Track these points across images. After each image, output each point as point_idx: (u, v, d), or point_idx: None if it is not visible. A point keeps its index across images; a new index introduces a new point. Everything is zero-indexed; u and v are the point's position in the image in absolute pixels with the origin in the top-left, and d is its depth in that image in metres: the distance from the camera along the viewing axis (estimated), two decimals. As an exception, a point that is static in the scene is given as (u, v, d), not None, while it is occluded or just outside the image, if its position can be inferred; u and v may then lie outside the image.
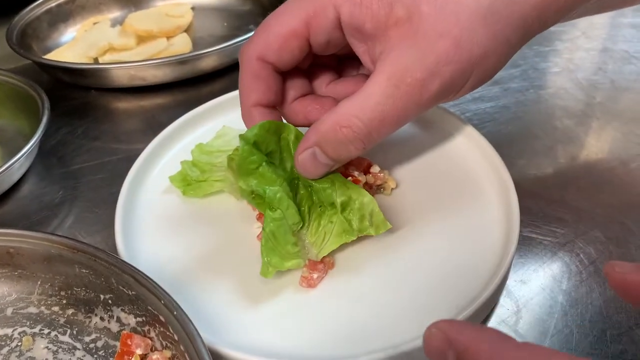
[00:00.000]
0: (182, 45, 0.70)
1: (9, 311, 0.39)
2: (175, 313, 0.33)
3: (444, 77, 0.36)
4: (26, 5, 0.74)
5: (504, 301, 0.41)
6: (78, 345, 0.37)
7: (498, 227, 0.43)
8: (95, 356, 0.37)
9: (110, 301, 0.37)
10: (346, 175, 0.44)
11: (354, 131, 0.37)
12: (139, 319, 0.36)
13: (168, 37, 0.72)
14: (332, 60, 0.44)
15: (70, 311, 0.38)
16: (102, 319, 0.37)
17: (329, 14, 0.37)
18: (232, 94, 0.56)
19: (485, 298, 0.37)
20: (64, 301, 0.38)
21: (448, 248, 0.42)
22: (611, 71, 0.63)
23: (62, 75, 0.65)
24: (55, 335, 0.38)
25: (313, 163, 0.39)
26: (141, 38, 0.71)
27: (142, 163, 0.49)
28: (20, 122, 0.57)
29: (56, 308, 0.38)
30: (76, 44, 0.71)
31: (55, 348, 0.37)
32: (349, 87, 0.42)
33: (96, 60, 0.69)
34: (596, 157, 0.52)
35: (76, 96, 0.65)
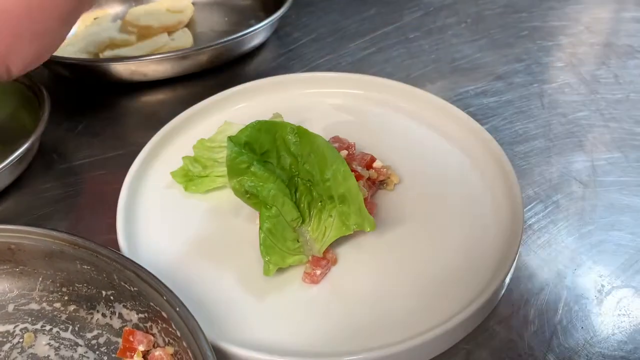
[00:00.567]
0: (183, 40, 0.70)
1: (11, 307, 0.38)
2: (177, 309, 0.33)
3: None
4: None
5: (508, 297, 0.41)
6: (80, 341, 0.37)
7: (502, 223, 0.42)
8: (97, 352, 0.36)
9: (112, 297, 0.37)
10: (349, 170, 0.44)
11: None
12: (141, 315, 0.36)
13: (169, 32, 0.71)
14: None
15: (72, 307, 0.38)
16: (104, 316, 0.37)
17: None
18: (234, 89, 0.56)
19: (489, 294, 0.37)
20: (66, 297, 0.38)
21: (451, 244, 0.42)
22: (615, 66, 0.63)
23: (63, 70, 0.65)
24: (57, 331, 0.38)
25: None
26: (142, 33, 0.71)
27: (144, 159, 0.49)
28: (20, 118, 0.56)
29: (58, 304, 0.38)
30: (76, 39, 0.70)
31: (57, 344, 0.37)
32: None
33: (97, 55, 0.69)
34: (600, 152, 0.52)
35: (77, 92, 0.65)
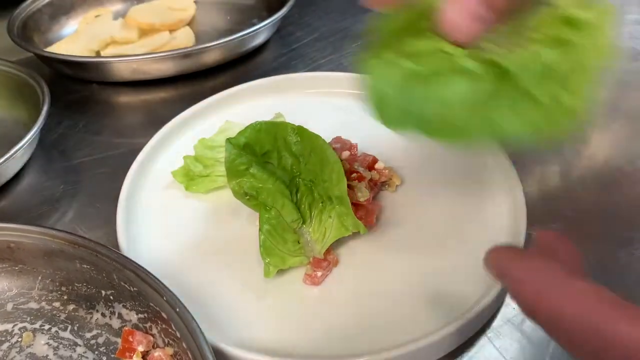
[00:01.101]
0: (185, 38, 0.70)
1: (10, 306, 0.38)
2: (177, 310, 0.33)
3: None
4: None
5: (510, 300, 0.40)
6: (79, 341, 0.37)
7: (504, 225, 0.42)
8: (96, 352, 0.36)
9: (111, 297, 0.37)
10: (351, 171, 0.44)
11: None
12: (141, 316, 0.35)
13: (171, 31, 0.71)
14: None
15: (71, 307, 0.38)
16: (104, 315, 0.37)
17: None
18: (235, 89, 0.55)
19: (491, 297, 0.37)
20: (65, 297, 0.38)
21: (454, 245, 0.42)
22: (616, 68, 0.63)
23: (64, 68, 0.65)
24: (56, 331, 0.37)
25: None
26: (143, 31, 0.71)
27: (145, 158, 0.49)
28: (20, 113, 0.56)
29: (57, 304, 0.38)
30: (78, 37, 0.70)
31: (55, 344, 0.37)
32: None
33: (98, 53, 0.69)
34: (602, 155, 0.52)
35: (78, 90, 0.64)
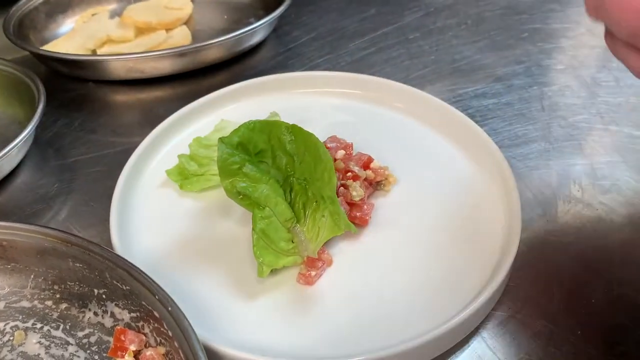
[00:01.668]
0: (182, 37, 0.69)
1: (1, 305, 0.38)
2: (169, 309, 0.32)
3: None
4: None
5: (505, 298, 0.40)
6: (71, 340, 0.36)
7: (499, 224, 0.42)
8: (88, 352, 0.36)
9: (104, 296, 0.36)
10: (346, 171, 0.44)
11: None
12: (133, 315, 0.35)
13: (167, 30, 0.71)
14: None
15: (63, 306, 0.38)
16: (96, 314, 0.37)
17: None
18: (231, 87, 0.55)
19: (486, 297, 0.36)
20: (58, 295, 0.38)
21: (448, 245, 0.42)
22: (615, 69, 0.63)
23: (60, 66, 0.65)
24: (48, 329, 0.37)
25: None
26: (140, 30, 0.70)
27: (139, 156, 0.48)
28: (15, 111, 0.56)
29: (49, 302, 0.38)
30: (74, 36, 0.70)
31: (47, 343, 0.37)
32: None
33: (94, 52, 0.68)
34: (600, 155, 0.52)
35: (74, 88, 0.64)
